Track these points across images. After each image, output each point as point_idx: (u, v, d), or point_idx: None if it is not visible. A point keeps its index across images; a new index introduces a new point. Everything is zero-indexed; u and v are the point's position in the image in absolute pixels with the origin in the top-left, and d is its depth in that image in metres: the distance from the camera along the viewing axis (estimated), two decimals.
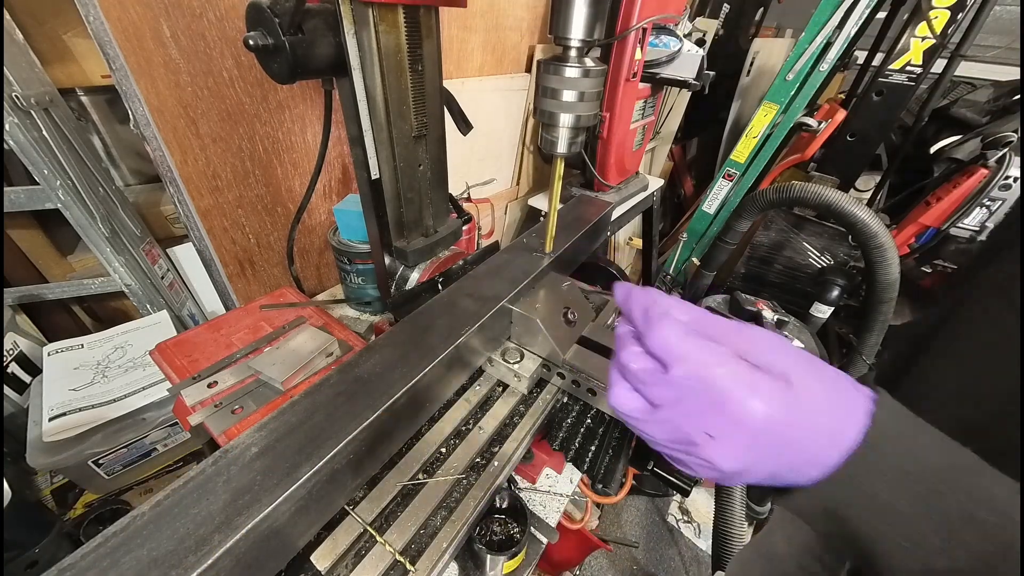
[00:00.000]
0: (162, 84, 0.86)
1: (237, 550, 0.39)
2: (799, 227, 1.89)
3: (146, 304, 1.25)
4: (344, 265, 1.10)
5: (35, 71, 1.05)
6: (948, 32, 1.74)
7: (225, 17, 0.88)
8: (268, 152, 1.07)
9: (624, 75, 1.40)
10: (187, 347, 0.83)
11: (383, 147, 0.84)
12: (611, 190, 1.69)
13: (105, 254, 1.13)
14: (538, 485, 0.81)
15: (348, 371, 0.57)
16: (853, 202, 1.51)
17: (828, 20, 1.75)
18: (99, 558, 0.37)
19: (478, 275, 0.79)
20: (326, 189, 1.26)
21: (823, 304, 1.75)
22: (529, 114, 1.66)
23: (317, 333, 0.84)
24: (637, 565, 1.71)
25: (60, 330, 1.34)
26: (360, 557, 0.53)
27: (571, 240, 0.92)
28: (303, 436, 0.48)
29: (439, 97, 0.90)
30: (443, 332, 0.64)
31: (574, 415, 0.75)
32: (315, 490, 0.46)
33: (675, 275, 2.48)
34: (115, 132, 1.37)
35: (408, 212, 0.96)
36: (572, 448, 0.73)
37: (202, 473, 0.44)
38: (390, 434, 0.57)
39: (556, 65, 0.62)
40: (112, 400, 1.03)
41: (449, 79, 1.32)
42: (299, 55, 0.68)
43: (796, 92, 1.95)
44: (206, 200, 1.01)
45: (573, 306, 0.80)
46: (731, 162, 2.18)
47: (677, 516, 1.86)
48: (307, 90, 1.07)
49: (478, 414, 0.71)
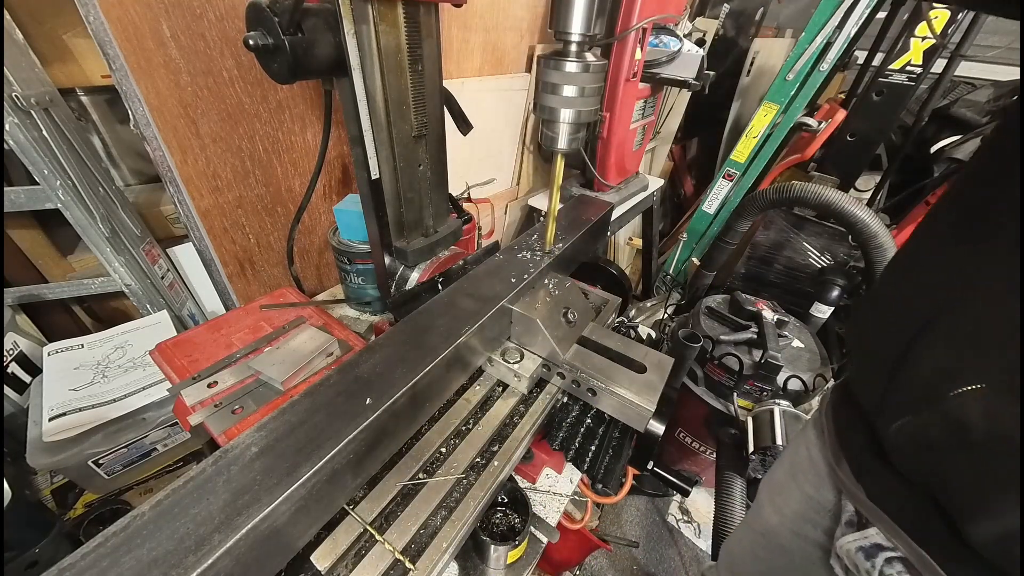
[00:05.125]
0: (162, 84, 0.86)
1: (237, 550, 0.39)
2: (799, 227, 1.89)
3: (146, 304, 1.25)
4: (344, 265, 1.10)
5: (35, 71, 1.05)
6: (948, 32, 1.74)
7: (225, 17, 0.88)
8: (268, 152, 1.07)
9: (624, 75, 1.40)
10: (187, 347, 0.83)
11: (383, 147, 0.84)
12: (611, 190, 1.69)
13: (105, 254, 1.13)
14: (538, 485, 0.81)
15: (348, 371, 0.57)
16: (853, 202, 1.51)
17: (828, 20, 1.75)
18: (99, 558, 0.37)
19: (478, 275, 0.79)
20: (326, 189, 1.26)
21: (823, 304, 1.74)
22: (529, 114, 1.66)
23: (317, 333, 0.84)
24: (637, 565, 1.71)
25: (60, 330, 1.34)
26: (360, 557, 0.53)
27: (571, 240, 0.91)
28: (303, 436, 0.48)
29: (439, 97, 0.90)
30: (443, 332, 0.64)
31: (574, 415, 0.75)
32: (315, 490, 0.46)
33: (675, 275, 2.48)
34: (115, 132, 1.37)
35: (408, 212, 0.96)
36: (572, 448, 0.73)
37: (202, 473, 0.44)
38: (390, 434, 0.57)
39: (557, 60, 0.62)
40: (112, 400, 1.03)
41: (449, 79, 1.32)
42: (299, 55, 0.68)
43: (796, 92, 1.95)
44: (206, 200, 1.01)
45: (573, 306, 0.80)
46: (731, 162, 2.18)
47: (677, 516, 1.86)
48: (307, 90, 1.07)
49: (478, 414, 0.71)
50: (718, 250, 2.03)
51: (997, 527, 0.38)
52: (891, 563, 0.48)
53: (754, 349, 1.37)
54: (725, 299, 1.58)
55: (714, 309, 1.54)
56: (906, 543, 0.46)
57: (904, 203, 2.22)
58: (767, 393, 1.34)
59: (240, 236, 1.11)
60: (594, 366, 0.72)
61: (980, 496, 0.39)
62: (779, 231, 1.94)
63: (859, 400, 0.56)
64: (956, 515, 0.42)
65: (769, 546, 0.76)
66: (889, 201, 2.32)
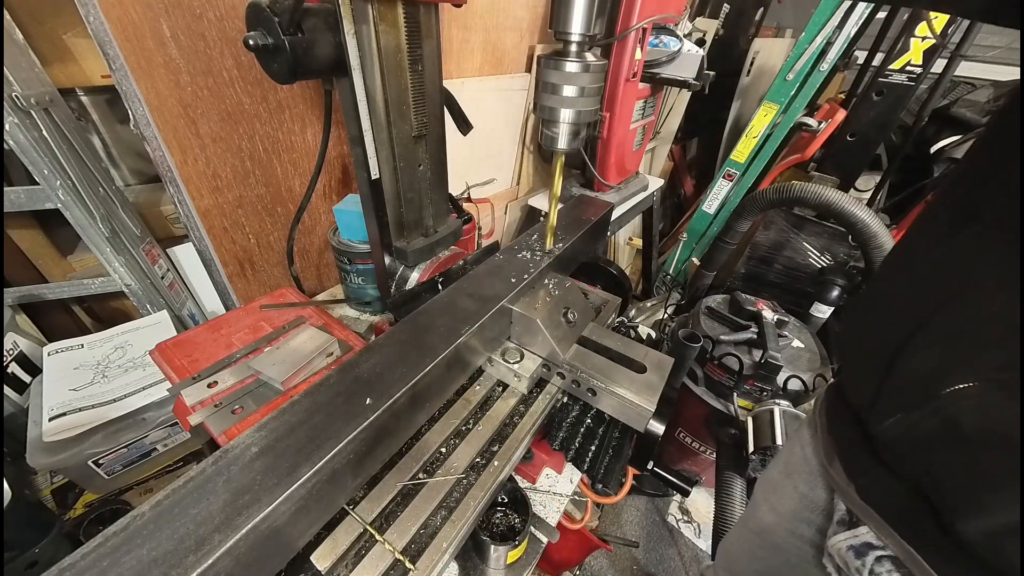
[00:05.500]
0: (162, 84, 0.86)
1: (237, 550, 0.39)
2: (799, 227, 1.89)
3: (146, 304, 1.25)
4: (344, 265, 1.10)
5: (35, 71, 1.05)
6: (948, 32, 1.74)
7: (225, 17, 0.88)
8: (268, 152, 1.07)
9: (624, 75, 1.40)
10: (187, 347, 0.83)
11: (383, 147, 0.84)
12: (611, 190, 1.69)
13: (105, 254, 1.13)
14: (538, 485, 0.81)
15: (348, 371, 0.57)
16: (853, 202, 1.51)
17: (828, 20, 1.75)
18: (99, 558, 0.37)
19: (478, 275, 0.79)
20: (326, 189, 1.26)
21: (823, 304, 1.74)
22: (529, 114, 1.66)
23: (317, 333, 0.84)
24: (637, 565, 1.71)
25: (60, 330, 1.34)
26: (360, 557, 0.53)
27: (571, 240, 0.91)
28: (303, 436, 0.48)
29: (439, 97, 0.90)
30: (443, 332, 0.64)
31: (574, 415, 0.75)
32: (315, 490, 0.46)
33: (675, 275, 2.48)
34: (115, 132, 1.37)
35: (408, 212, 0.96)
36: (572, 448, 0.73)
37: (202, 473, 0.44)
38: (390, 434, 0.57)
39: (557, 60, 0.62)
40: (112, 400, 1.03)
41: (449, 79, 1.32)
42: (299, 55, 0.68)
43: (796, 92, 1.95)
44: (206, 200, 1.01)
45: (573, 306, 0.80)
46: (731, 162, 2.18)
47: (677, 516, 1.86)
48: (307, 90, 1.07)
49: (478, 414, 0.71)
50: (718, 250, 2.03)
51: (986, 524, 0.39)
52: (881, 561, 0.48)
53: (754, 349, 1.37)
54: (725, 299, 1.58)
55: (714, 309, 1.54)
56: (896, 541, 0.46)
57: (904, 203, 2.22)
58: (767, 393, 1.34)
59: (240, 236, 1.11)
60: (594, 366, 0.72)
61: (970, 493, 0.40)
62: (779, 231, 1.95)
63: (851, 398, 0.56)
64: (946, 512, 0.42)
65: (765, 545, 0.76)
66: (889, 201, 2.32)
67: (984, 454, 0.39)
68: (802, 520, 0.67)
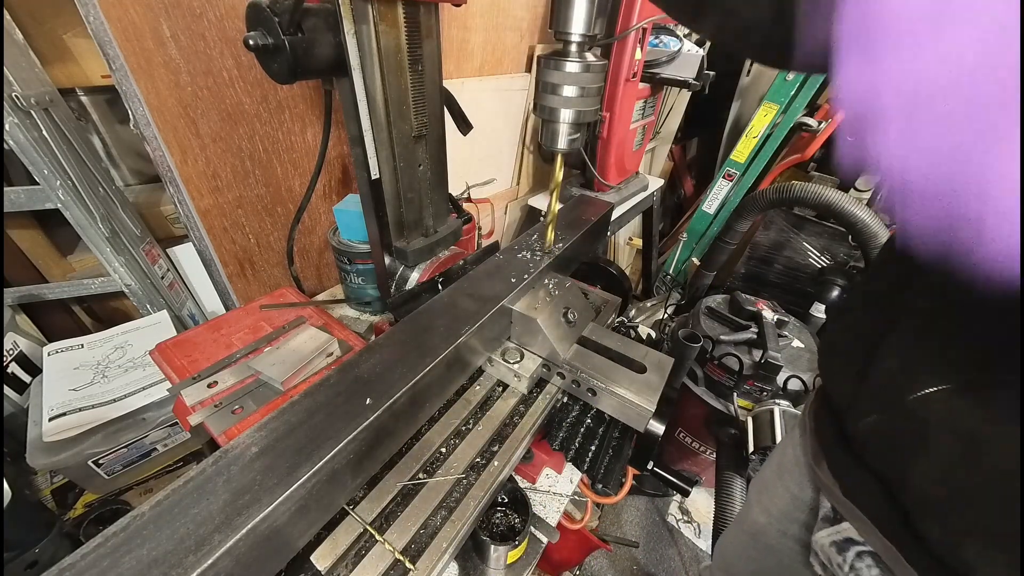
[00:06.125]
0: (162, 84, 0.86)
1: (237, 550, 0.39)
2: (799, 227, 1.89)
3: (146, 304, 1.25)
4: (344, 265, 1.10)
5: (35, 71, 1.05)
6: None
7: (225, 17, 0.88)
8: (268, 152, 1.07)
9: (624, 75, 1.41)
10: (187, 347, 0.83)
11: (383, 147, 0.84)
12: (611, 190, 1.69)
13: (105, 254, 1.13)
14: (538, 485, 0.81)
15: (348, 371, 0.57)
16: (853, 202, 1.51)
17: None
18: (99, 558, 0.37)
19: (478, 275, 0.79)
20: (326, 189, 1.26)
21: (823, 304, 1.75)
22: (529, 114, 1.66)
23: (317, 333, 0.84)
24: (637, 565, 1.71)
25: (60, 330, 1.34)
26: (360, 557, 0.53)
27: (571, 240, 0.91)
28: (303, 436, 0.48)
29: (439, 97, 0.90)
30: (443, 332, 0.64)
31: (574, 415, 0.75)
32: (315, 490, 0.46)
33: (675, 275, 2.48)
34: (115, 132, 1.37)
35: (408, 212, 0.96)
36: (572, 448, 0.73)
37: (202, 473, 0.44)
38: (390, 434, 0.57)
39: (556, 60, 0.62)
40: (112, 400, 1.03)
41: (449, 79, 1.32)
42: (299, 55, 0.68)
43: (796, 92, 1.95)
44: (206, 200, 1.01)
45: (573, 306, 0.80)
46: (731, 162, 2.18)
47: (677, 516, 1.86)
48: (307, 90, 1.07)
49: (478, 414, 0.71)
50: (718, 250, 2.03)
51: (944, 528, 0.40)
52: (861, 557, 0.49)
53: (754, 349, 1.37)
54: (725, 299, 1.58)
55: (714, 309, 1.54)
56: (876, 537, 0.47)
57: None
58: (767, 393, 1.34)
59: (240, 236, 1.11)
60: (594, 366, 0.72)
61: (933, 496, 0.41)
62: (779, 231, 1.95)
63: (833, 399, 0.57)
64: (912, 512, 0.43)
65: (758, 546, 0.76)
66: None
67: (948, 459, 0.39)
68: (793, 520, 0.67)
